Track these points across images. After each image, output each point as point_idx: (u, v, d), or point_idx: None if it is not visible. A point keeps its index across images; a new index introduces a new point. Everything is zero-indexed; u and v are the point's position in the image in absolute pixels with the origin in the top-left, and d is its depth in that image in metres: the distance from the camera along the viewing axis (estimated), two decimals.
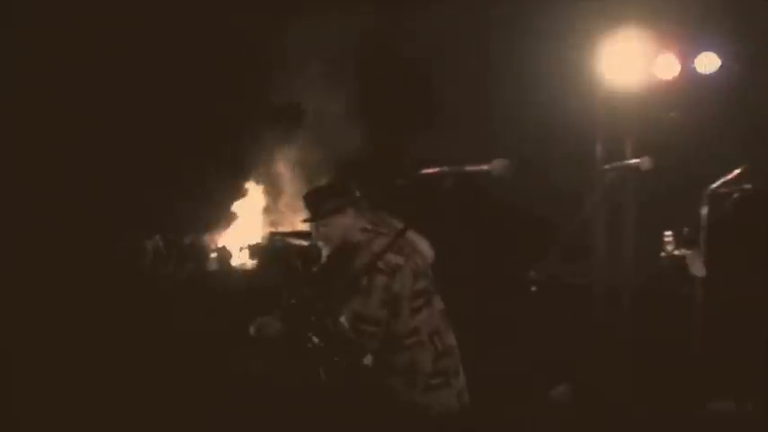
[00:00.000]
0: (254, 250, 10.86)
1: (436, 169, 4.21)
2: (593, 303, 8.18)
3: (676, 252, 7.62)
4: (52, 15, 9.43)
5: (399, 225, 4.36)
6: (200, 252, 10.98)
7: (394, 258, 4.19)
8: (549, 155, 8.64)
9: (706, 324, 7.33)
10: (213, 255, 11.01)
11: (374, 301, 4.12)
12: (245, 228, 11.87)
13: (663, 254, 7.77)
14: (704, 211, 7.23)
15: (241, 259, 11.08)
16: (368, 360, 4.25)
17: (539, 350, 7.24)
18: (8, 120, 9.37)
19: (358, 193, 4.51)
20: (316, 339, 4.11)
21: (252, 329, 4.32)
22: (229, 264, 10.98)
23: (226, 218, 11.95)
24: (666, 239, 7.79)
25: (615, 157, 7.90)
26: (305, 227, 4.73)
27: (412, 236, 4.39)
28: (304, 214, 4.60)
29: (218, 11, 10.66)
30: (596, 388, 7.14)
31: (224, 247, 11.24)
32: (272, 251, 10.10)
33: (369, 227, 4.37)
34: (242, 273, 10.74)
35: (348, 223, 4.41)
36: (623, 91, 8.31)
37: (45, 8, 9.40)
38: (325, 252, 4.55)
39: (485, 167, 4.07)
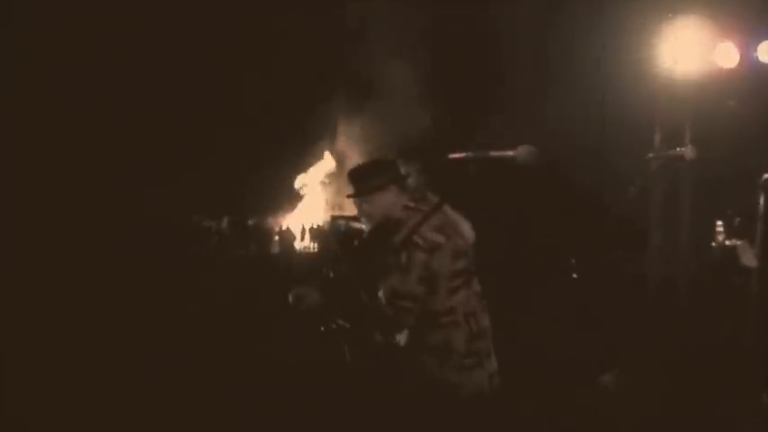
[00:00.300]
0: (316, 233, 11.03)
1: (462, 154, 4.29)
2: (648, 292, 8.14)
3: (727, 242, 7.54)
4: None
5: (439, 203, 4.35)
6: (264, 234, 11.18)
7: (434, 237, 4.21)
8: (608, 142, 8.61)
9: (759, 316, 7.23)
10: (276, 237, 11.19)
11: (412, 278, 4.15)
12: (308, 211, 12.04)
13: (714, 244, 7.70)
14: (761, 200, 7.13)
15: (303, 242, 11.25)
16: (403, 337, 4.32)
17: (588, 337, 7.23)
18: (74, 106, 9.61)
19: (402, 171, 4.51)
20: (341, 321, 4.20)
21: (290, 298, 4.40)
22: (292, 246, 11.14)
23: (290, 201, 12.12)
24: (718, 230, 7.72)
25: (675, 145, 7.91)
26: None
27: (454, 216, 4.42)
28: (348, 191, 4.59)
29: None
30: (645, 377, 7.10)
31: (287, 229, 11.41)
32: (334, 235, 10.20)
33: (411, 204, 4.36)
34: (304, 255, 10.90)
35: (390, 200, 4.42)
36: (683, 79, 8.26)
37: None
38: (366, 228, 4.56)
39: (510, 153, 4.12)
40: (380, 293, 4.21)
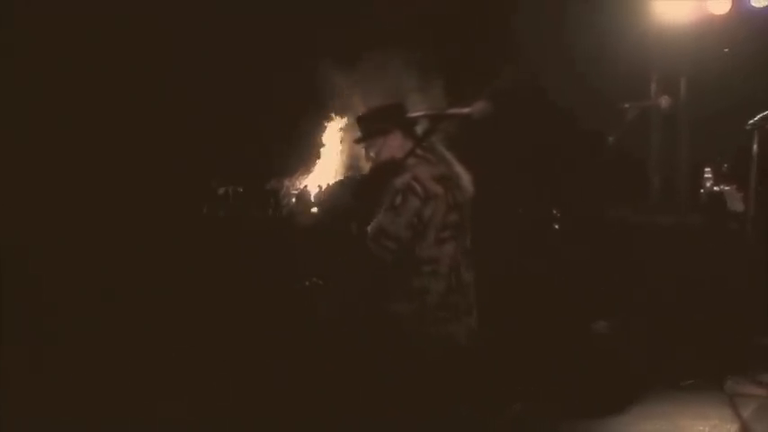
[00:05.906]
0: (330, 194, 11.15)
1: (420, 113, 4.45)
2: (647, 240, 8.21)
3: (716, 188, 7.62)
4: None
5: (448, 155, 4.51)
6: (282, 196, 11.31)
7: (433, 187, 4.32)
8: (603, 94, 8.63)
9: (755, 261, 7.28)
10: (293, 200, 11.32)
11: (402, 221, 4.27)
12: (325, 173, 12.14)
13: (702, 190, 7.78)
14: (754, 145, 7.17)
15: (319, 204, 11.36)
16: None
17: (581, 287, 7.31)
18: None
19: (409, 117, 4.55)
20: (315, 279, 4.39)
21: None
22: (309, 206, 11.27)
23: (306, 163, 12.22)
24: (706, 176, 7.80)
25: (672, 94, 7.97)
26: None
27: (458, 169, 4.52)
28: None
29: None
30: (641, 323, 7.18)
31: (305, 189, 11.53)
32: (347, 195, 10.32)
33: (418, 152, 4.42)
34: (318, 217, 11.02)
35: (395, 144, 4.52)
36: (676, 27, 8.29)
37: None
38: (369, 169, 4.69)
39: (465, 110, 4.27)
40: (368, 228, 4.35)
